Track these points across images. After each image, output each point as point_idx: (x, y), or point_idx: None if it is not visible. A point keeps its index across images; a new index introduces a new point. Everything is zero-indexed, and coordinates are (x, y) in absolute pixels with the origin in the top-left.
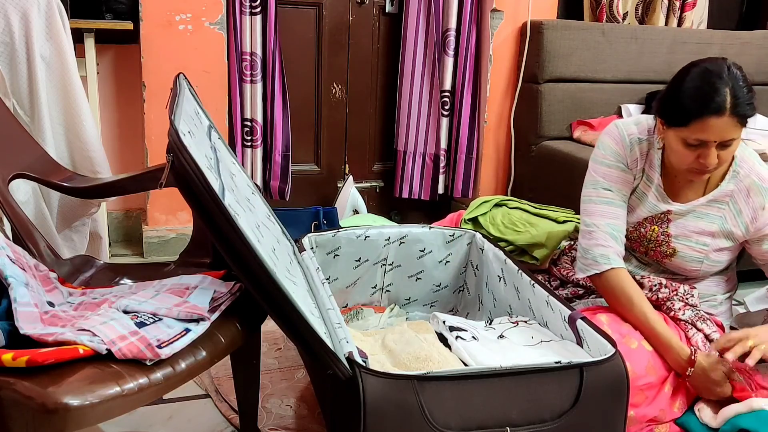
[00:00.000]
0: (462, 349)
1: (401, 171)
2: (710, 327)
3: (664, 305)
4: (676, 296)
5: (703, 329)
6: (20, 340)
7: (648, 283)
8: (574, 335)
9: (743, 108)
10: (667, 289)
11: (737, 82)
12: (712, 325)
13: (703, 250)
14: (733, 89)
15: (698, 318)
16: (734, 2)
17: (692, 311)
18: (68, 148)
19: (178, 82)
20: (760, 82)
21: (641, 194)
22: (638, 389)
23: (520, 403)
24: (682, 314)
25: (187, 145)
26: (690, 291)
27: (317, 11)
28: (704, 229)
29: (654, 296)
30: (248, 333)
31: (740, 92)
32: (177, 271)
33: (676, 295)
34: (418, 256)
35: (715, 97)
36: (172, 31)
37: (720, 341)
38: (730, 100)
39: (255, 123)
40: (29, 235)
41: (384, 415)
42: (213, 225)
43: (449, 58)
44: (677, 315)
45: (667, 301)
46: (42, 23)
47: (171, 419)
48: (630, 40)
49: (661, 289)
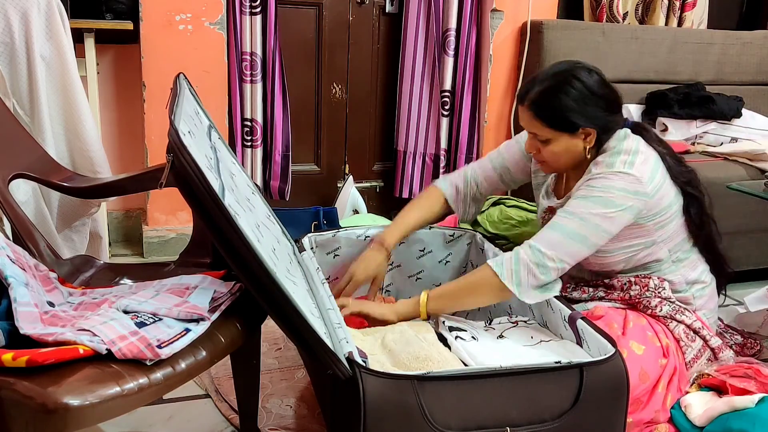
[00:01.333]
0: (462, 349)
1: (401, 171)
2: (690, 317)
3: (640, 304)
4: (648, 292)
5: (683, 320)
6: (20, 340)
7: (618, 283)
8: (574, 335)
9: (536, 107)
10: (638, 286)
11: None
12: (691, 315)
13: None
14: (541, 90)
15: (676, 311)
16: (734, 2)
17: (669, 306)
18: (68, 148)
19: (178, 82)
20: (760, 82)
21: (537, 191)
22: (634, 398)
23: (520, 403)
24: (659, 311)
25: (187, 145)
26: (661, 284)
27: (317, 11)
28: None
29: (626, 295)
30: (248, 333)
31: (544, 93)
32: (177, 271)
33: (648, 290)
34: (418, 256)
35: (524, 87)
36: (172, 31)
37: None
38: (531, 95)
39: (255, 123)
40: (29, 235)
41: (384, 415)
42: (213, 225)
43: (449, 58)
44: (655, 312)
45: (641, 298)
46: (42, 23)
47: (171, 419)
48: (630, 40)
49: (631, 287)
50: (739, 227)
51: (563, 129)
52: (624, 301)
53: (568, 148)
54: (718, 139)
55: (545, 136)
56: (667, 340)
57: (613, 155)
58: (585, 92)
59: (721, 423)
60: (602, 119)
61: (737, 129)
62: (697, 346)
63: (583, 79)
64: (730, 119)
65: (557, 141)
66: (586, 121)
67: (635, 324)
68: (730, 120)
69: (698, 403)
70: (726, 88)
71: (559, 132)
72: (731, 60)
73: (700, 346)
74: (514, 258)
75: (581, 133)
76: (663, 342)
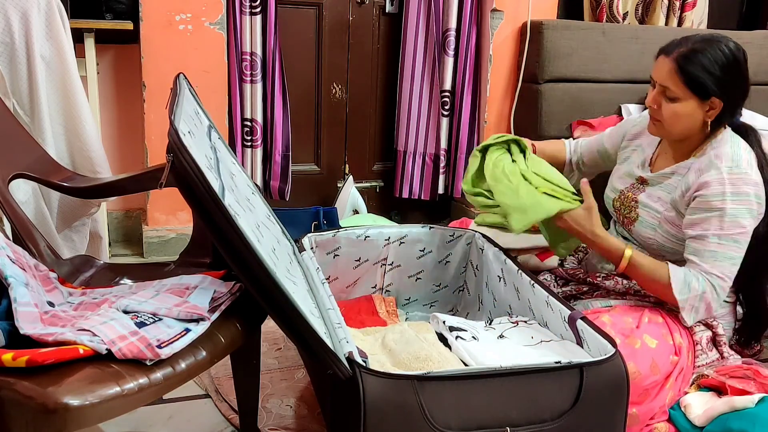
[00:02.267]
0: (462, 349)
1: (401, 171)
2: (721, 330)
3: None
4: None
5: (715, 329)
6: (20, 340)
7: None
8: (574, 335)
9: (683, 59)
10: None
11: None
12: (721, 329)
13: (656, 217)
14: (692, 47)
15: (713, 318)
16: (734, 2)
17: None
18: (68, 148)
19: (178, 82)
20: (760, 82)
21: (626, 159)
22: (643, 389)
23: (520, 403)
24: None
25: (187, 145)
26: None
27: (317, 11)
28: (660, 197)
29: (654, 297)
30: (248, 333)
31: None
32: (177, 271)
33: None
34: (418, 256)
35: (674, 42)
36: (172, 31)
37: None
38: (681, 50)
39: (255, 123)
40: (29, 235)
41: (384, 415)
42: (213, 225)
43: (449, 58)
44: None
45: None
46: (42, 23)
47: (171, 419)
48: (630, 40)
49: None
50: None
51: (697, 92)
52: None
53: (691, 113)
54: None
55: (676, 94)
56: (681, 340)
57: (733, 147)
58: (733, 65)
59: (721, 423)
60: (734, 99)
61: None
62: (712, 356)
63: (737, 56)
64: None
65: (685, 102)
66: (722, 92)
67: (651, 320)
68: None
69: (698, 403)
70: None
71: (691, 93)
72: None
73: (714, 358)
74: (699, 296)
75: (709, 104)
76: (677, 341)
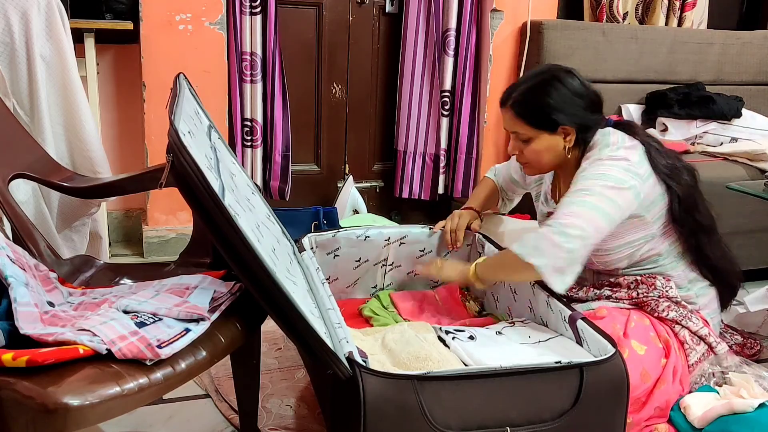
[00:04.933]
0: (459, 348)
1: (401, 171)
2: (697, 323)
3: (647, 305)
4: (655, 291)
5: (689, 327)
6: (20, 340)
7: (624, 281)
8: (575, 335)
9: (517, 105)
10: (644, 285)
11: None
12: (698, 321)
13: None
14: (521, 90)
15: (683, 317)
16: (734, 2)
17: (676, 312)
18: (68, 148)
19: (178, 82)
20: (760, 82)
21: (537, 196)
22: (635, 398)
23: (520, 403)
24: (666, 315)
25: (187, 145)
26: (667, 283)
27: (317, 11)
28: None
29: (633, 293)
30: (248, 333)
31: (525, 92)
32: (177, 271)
33: (655, 289)
34: (418, 256)
35: (506, 91)
36: (172, 31)
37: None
38: (514, 95)
39: (255, 123)
40: (29, 235)
41: (384, 415)
42: (213, 225)
43: (449, 58)
44: (661, 315)
45: (647, 298)
46: (42, 23)
47: (171, 419)
48: (630, 40)
49: (638, 286)
50: (739, 227)
51: (543, 127)
52: (630, 299)
53: (548, 146)
54: (718, 139)
55: (526, 135)
56: (668, 339)
57: (601, 149)
58: (565, 91)
59: (720, 426)
60: (581, 118)
61: (737, 129)
62: (701, 349)
63: (562, 79)
64: (730, 119)
65: (538, 139)
66: (566, 118)
67: (637, 324)
68: (730, 120)
69: (697, 405)
70: (726, 88)
71: (539, 130)
72: (731, 60)
73: (704, 350)
74: (534, 234)
75: (561, 132)
76: (664, 340)
